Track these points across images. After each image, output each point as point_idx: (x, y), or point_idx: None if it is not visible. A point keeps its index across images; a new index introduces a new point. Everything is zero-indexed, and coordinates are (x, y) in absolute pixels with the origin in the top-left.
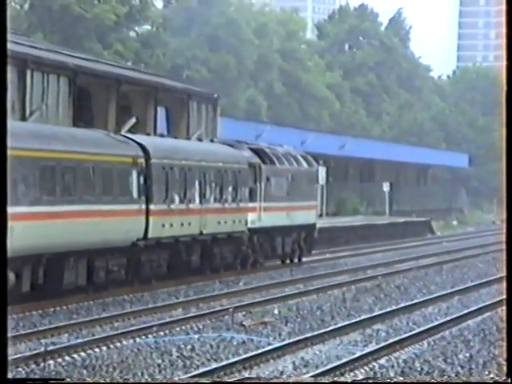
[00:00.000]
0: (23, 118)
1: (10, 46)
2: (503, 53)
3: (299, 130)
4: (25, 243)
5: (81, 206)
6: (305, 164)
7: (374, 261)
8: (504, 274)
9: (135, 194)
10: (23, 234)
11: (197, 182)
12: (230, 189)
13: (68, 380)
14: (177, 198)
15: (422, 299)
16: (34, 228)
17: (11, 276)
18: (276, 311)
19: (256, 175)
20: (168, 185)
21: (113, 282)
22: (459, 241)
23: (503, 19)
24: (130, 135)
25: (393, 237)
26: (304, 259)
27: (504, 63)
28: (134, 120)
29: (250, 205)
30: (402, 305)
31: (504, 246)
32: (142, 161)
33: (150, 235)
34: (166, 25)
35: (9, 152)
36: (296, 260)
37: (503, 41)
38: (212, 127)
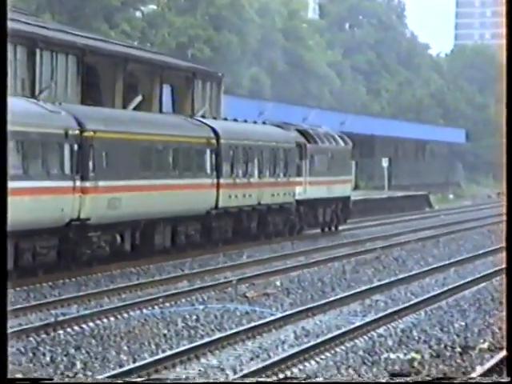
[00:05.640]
0: (33, 96)
1: (19, 26)
2: (502, 30)
3: (301, 107)
4: (130, 210)
5: (168, 180)
6: (342, 143)
7: (373, 234)
8: (502, 244)
9: (209, 170)
10: (129, 203)
11: (256, 160)
12: (282, 165)
13: (56, 380)
14: (240, 173)
15: (419, 270)
16: (136, 198)
17: (118, 237)
18: (278, 283)
19: (302, 153)
20: (233, 162)
21: (190, 245)
22: (456, 214)
23: None
24: (202, 119)
25: (391, 210)
26: (300, 233)
27: (504, 41)
28: (140, 98)
29: (297, 179)
30: (401, 276)
31: (504, 218)
32: (213, 141)
33: (220, 205)
34: (170, 4)
35: (115, 136)
36: (333, 228)
37: (503, 19)
38: (216, 105)
